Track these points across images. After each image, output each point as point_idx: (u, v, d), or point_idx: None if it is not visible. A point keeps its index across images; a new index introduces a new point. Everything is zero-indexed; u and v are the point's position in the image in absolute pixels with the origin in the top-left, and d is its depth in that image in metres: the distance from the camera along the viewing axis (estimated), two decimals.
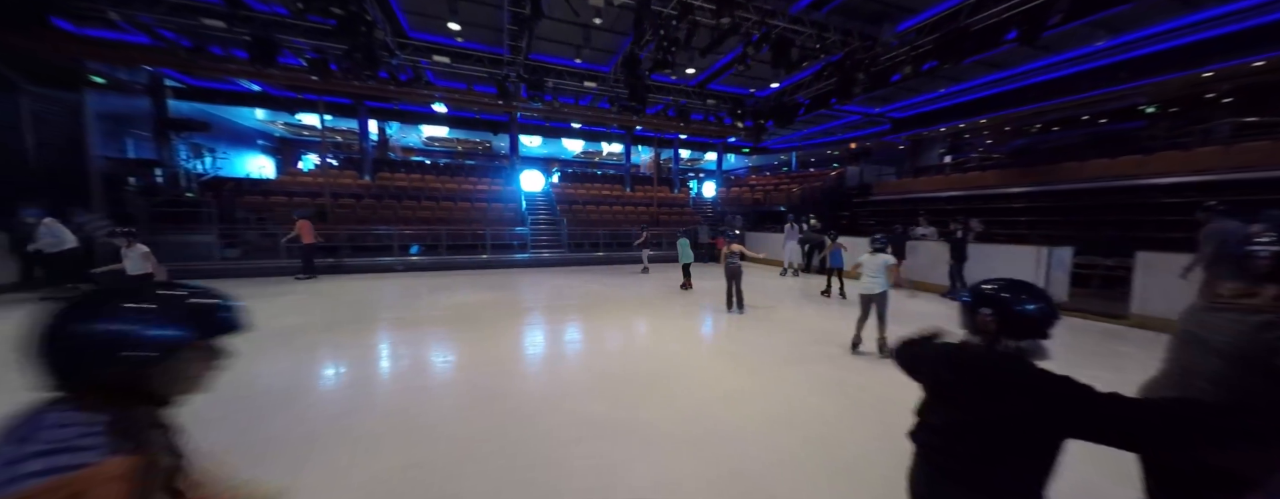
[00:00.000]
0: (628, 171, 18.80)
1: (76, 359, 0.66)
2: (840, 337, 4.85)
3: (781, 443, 2.48)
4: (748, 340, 4.69)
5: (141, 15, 7.86)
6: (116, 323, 0.68)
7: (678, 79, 12.05)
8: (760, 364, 3.87)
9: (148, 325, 0.69)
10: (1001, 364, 1.04)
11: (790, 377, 3.55)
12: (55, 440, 0.60)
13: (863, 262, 4.07)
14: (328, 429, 2.61)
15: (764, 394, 3.18)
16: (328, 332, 4.81)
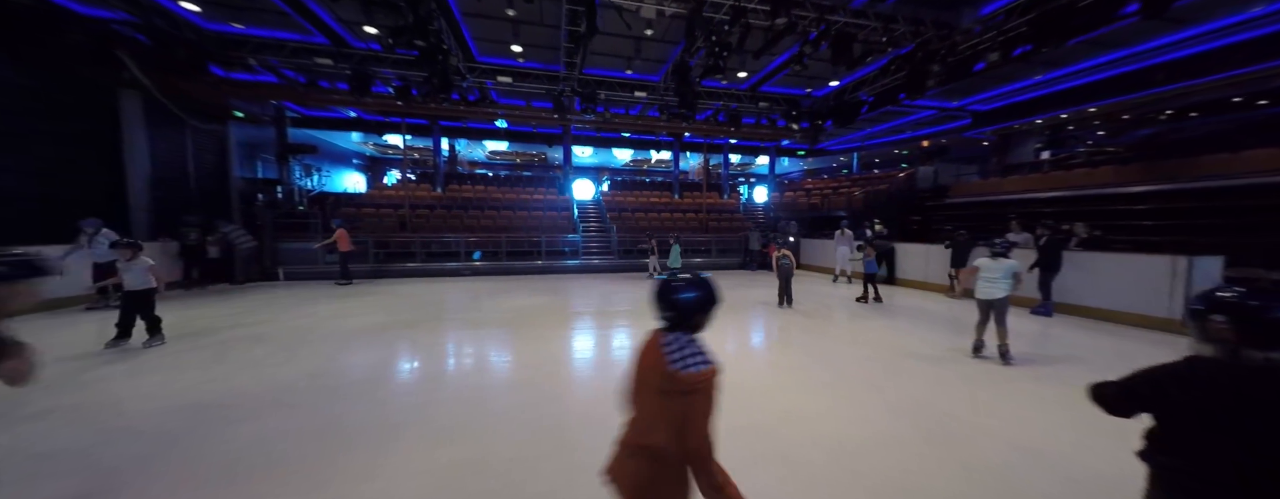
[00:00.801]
0: (676, 178, 18.78)
1: None
2: (910, 349, 4.40)
3: (855, 471, 2.27)
4: (809, 352, 4.40)
5: (271, 59, 9.48)
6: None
7: (729, 83, 11.88)
8: (825, 380, 3.61)
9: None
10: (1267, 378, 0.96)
11: (859, 396, 3.26)
12: None
13: (982, 265, 4.06)
14: (407, 418, 2.86)
15: (831, 416, 2.95)
16: (408, 329, 5.32)
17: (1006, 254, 4.03)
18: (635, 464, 1.17)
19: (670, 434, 1.13)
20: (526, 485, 2.14)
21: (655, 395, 1.16)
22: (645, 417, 1.19)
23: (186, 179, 9.83)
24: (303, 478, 2.18)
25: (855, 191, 15.64)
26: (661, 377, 1.14)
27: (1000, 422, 2.83)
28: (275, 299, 7.44)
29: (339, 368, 3.87)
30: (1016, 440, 2.59)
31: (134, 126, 8.60)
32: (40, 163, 7.13)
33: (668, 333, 1.24)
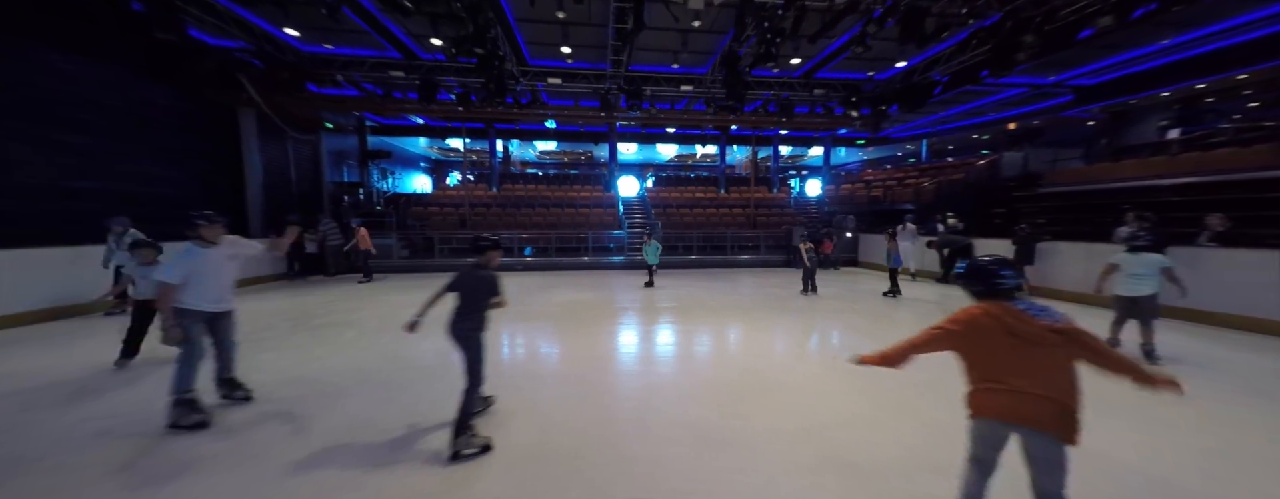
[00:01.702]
0: (722, 173, 18.31)
1: None
2: None
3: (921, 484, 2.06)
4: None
5: (354, 74, 10.59)
6: None
7: (780, 72, 11.30)
8: (886, 385, 3.33)
9: None
10: None
11: (924, 408, 2.96)
12: None
13: (1121, 261, 3.88)
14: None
15: (892, 426, 2.71)
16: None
17: (1150, 248, 3.86)
18: (1055, 402, 1.40)
19: (1069, 367, 1.42)
20: (583, 473, 2.20)
21: (1050, 347, 1.41)
22: (1043, 366, 1.42)
23: (289, 184, 11.32)
24: (389, 451, 2.43)
25: (924, 182, 14.25)
26: (1052, 331, 1.40)
27: (1127, 436, 2.42)
28: (359, 290, 8.35)
29: (413, 353, 4.25)
30: (1151, 471, 2.20)
31: (250, 139, 10.06)
32: (186, 172, 8.59)
33: (1008, 301, 1.50)
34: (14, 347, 4.50)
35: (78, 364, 3.90)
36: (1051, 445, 1.41)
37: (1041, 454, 1.43)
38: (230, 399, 3.04)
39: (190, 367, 2.72)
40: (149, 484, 2.11)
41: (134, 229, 5.59)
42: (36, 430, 2.69)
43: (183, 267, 2.72)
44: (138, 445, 2.48)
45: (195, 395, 2.73)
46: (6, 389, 3.36)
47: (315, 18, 7.59)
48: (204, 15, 7.62)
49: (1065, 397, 1.40)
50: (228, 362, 3.05)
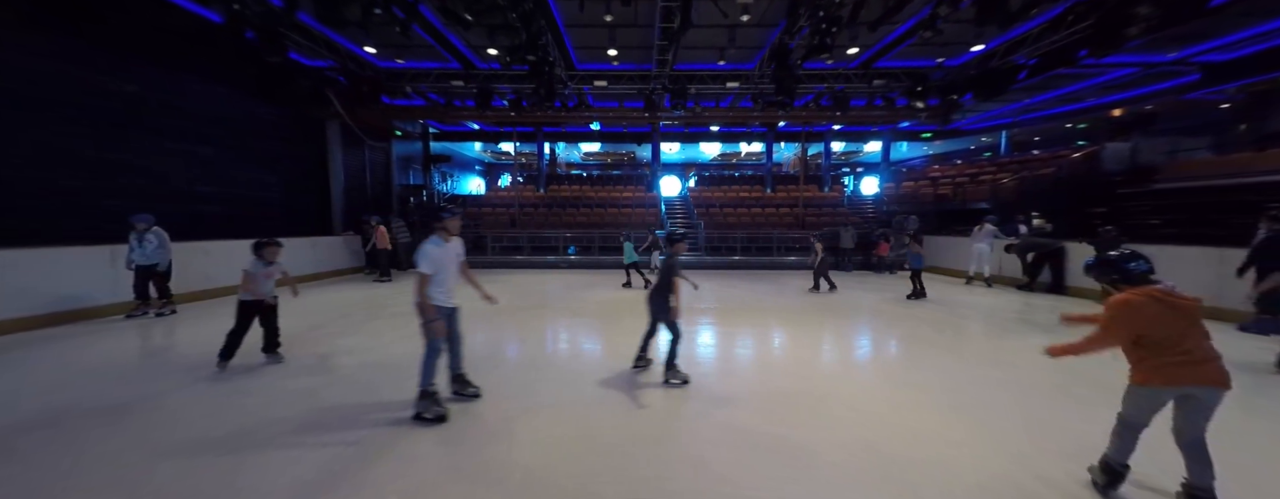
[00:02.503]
0: (769, 171, 17.67)
1: None
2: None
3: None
4: (934, 368, 3.73)
5: (422, 85, 11.52)
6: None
7: (835, 63, 10.67)
8: (943, 401, 3.02)
9: None
10: None
11: (989, 422, 2.64)
12: None
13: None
14: (522, 393, 3.23)
15: (957, 442, 2.45)
16: (518, 313, 6.02)
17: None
18: (1218, 360, 1.75)
19: (1206, 330, 1.78)
20: (628, 470, 2.22)
21: (1198, 315, 1.75)
22: (1201, 332, 1.76)
23: (365, 187, 12.58)
24: (451, 432, 2.62)
25: (1003, 178, 12.78)
26: (1199, 303, 1.76)
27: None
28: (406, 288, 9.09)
29: (471, 343, 4.55)
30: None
31: (334, 147, 11.31)
32: (284, 178, 9.86)
33: (1148, 283, 1.79)
34: (165, 325, 5.43)
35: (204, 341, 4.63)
36: (1217, 395, 1.72)
37: (1212, 404, 1.73)
38: (462, 396, 3.05)
39: (434, 360, 2.78)
40: (244, 443, 2.45)
41: (158, 226, 5.41)
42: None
43: (434, 258, 2.70)
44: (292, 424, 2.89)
45: (437, 388, 2.82)
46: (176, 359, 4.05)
47: (391, 36, 8.37)
48: (301, 39, 8.70)
49: (1218, 354, 1.75)
50: (458, 358, 3.10)
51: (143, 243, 5.30)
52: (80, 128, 6.16)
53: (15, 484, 2.08)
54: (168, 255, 5.53)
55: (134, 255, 5.32)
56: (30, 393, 3.27)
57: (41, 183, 5.82)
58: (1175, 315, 1.71)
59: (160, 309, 5.60)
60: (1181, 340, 1.72)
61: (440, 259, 2.76)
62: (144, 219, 5.37)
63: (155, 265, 5.42)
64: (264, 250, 3.73)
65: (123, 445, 2.44)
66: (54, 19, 5.55)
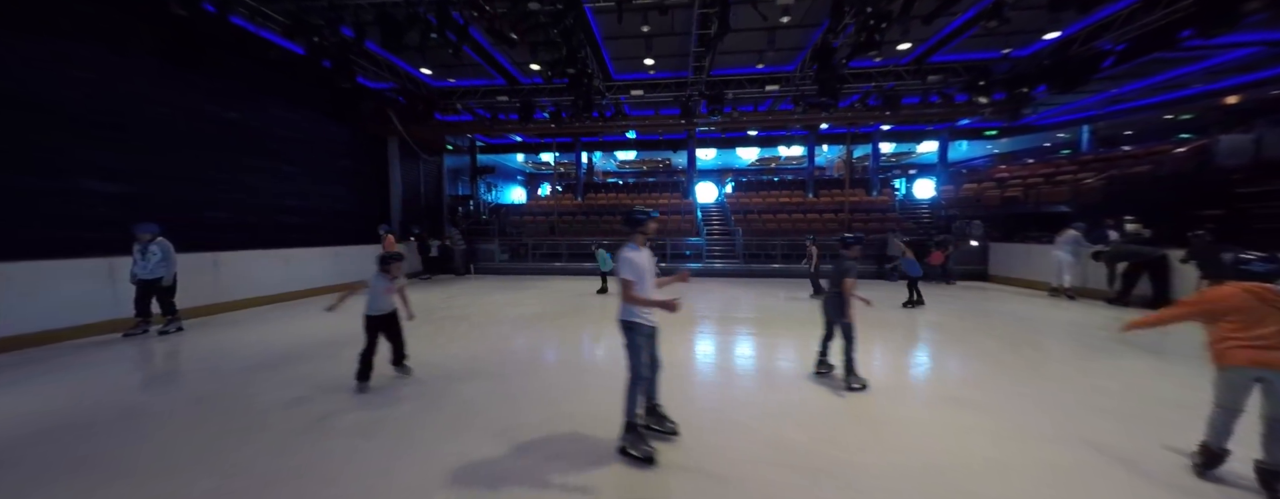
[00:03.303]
0: (810, 175, 16.97)
1: None
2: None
3: None
4: (1006, 390, 3.32)
5: (470, 102, 12.29)
6: None
7: (885, 60, 10.11)
8: (1006, 427, 2.66)
9: None
10: None
11: (1051, 451, 2.27)
12: None
13: None
14: (568, 397, 3.27)
15: (1021, 472, 2.14)
16: (558, 319, 6.16)
17: None
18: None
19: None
20: (673, 487, 2.16)
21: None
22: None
23: (419, 197, 13.55)
24: (502, 431, 2.70)
25: (1086, 178, 11.37)
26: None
27: None
28: (469, 289, 9.58)
29: (513, 347, 4.71)
30: None
31: (393, 161, 12.30)
32: (352, 190, 10.85)
33: (1267, 282, 1.98)
34: (254, 322, 6.11)
35: (296, 335, 5.14)
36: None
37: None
38: (660, 431, 2.61)
39: (639, 388, 2.45)
40: (317, 432, 2.65)
41: (162, 237, 4.99)
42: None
43: (637, 265, 2.39)
44: (327, 406, 3.15)
45: (643, 421, 2.54)
46: (268, 353, 4.56)
47: (444, 57, 9.03)
48: (367, 64, 9.62)
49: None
50: (654, 386, 2.67)
51: (146, 255, 4.86)
52: (195, 150, 7.17)
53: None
54: (173, 268, 5.05)
55: (136, 268, 4.87)
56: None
57: (171, 197, 6.80)
58: (1266, 308, 1.90)
59: (165, 326, 5.14)
60: (1257, 326, 1.90)
61: (642, 267, 2.40)
62: (148, 229, 4.94)
63: (159, 279, 4.96)
64: (390, 265, 3.54)
65: None
66: (177, 57, 6.52)
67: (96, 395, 3.41)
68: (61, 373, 3.94)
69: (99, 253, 5.46)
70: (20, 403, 3.27)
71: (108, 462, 2.42)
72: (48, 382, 3.73)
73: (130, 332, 4.98)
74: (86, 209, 5.78)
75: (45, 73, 5.46)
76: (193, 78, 7.05)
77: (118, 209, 6.08)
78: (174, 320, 5.31)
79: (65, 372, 3.97)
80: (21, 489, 2.16)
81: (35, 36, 5.38)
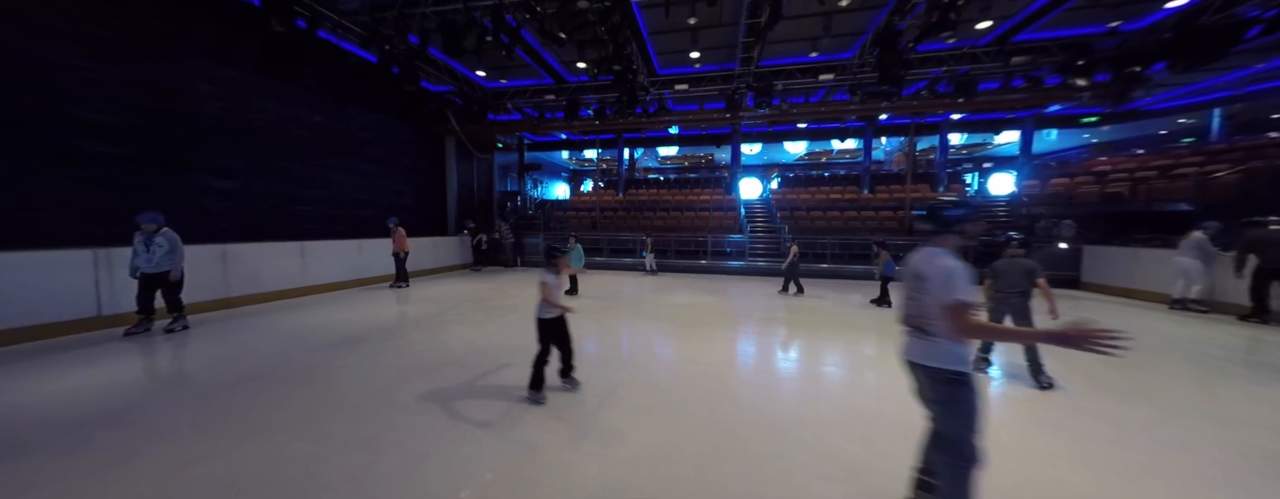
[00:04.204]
0: (866, 170, 15.83)
1: None
2: None
3: None
4: (1107, 417, 2.88)
5: (520, 101, 12.80)
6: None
7: (958, 42, 9.16)
8: (1093, 452, 2.28)
9: None
10: None
11: (1139, 476, 1.89)
12: None
13: None
14: (605, 394, 3.32)
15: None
16: (599, 313, 6.27)
17: None
18: None
19: None
20: (714, 489, 2.12)
21: None
22: None
23: (472, 193, 14.39)
24: (548, 420, 2.80)
25: (1216, 171, 9.60)
26: None
27: None
28: (517, 280, 10.04)
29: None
30: None
31: (450, 160, 13.14)
32: (415, 186, 11.76)
33: None
34: (326, 306, 6.85)
35: (360, 317, 5.70)
36: None
37: None
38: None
39: (972, 474, 1.58)
40: (401, 405, 2.90)
41: (168, 228, 4.63)
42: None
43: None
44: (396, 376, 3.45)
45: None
46: (347, 330, 5.11)
47: (497, 59, 9.49)
48: (429, 69, 10.33)
49: None
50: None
51: (151, 246, 4.49)
52: (288, 150, 8.13)
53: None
54: (180, 261, 4.70)
55: (139, 261, 4.51)
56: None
57: (271, 192, 7.78)
58: None
59: (171, 325, 4.77)
60: None
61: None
62: (153, 218, 4.54)
63: (166, 273, 4.61)
64: (558, 259, 3.17)
65: None
66: (275, 69, 7.40)
67: (206, 364, 3.99)
68: (208, 338, 4.65)
69: (215, 240, 6.39)
70: (155, 365, 3.90)
71: (223, 420, 2.82)
72: (190, 347, 4.42)
73: (132, 330, 4.58)
74: (208, 202, 6.76)
75: (179, 87, 6.43)
76: (287, 87, 7.97)
77: (230, 202, 7.07)
78: (180, 318, 4.87)
79: (188, 342, 4.68)
80: (161, 437, 2.58)
81: (173, 58, 6.35)
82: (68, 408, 2.99)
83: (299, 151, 8.34)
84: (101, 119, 5.58)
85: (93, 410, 2.95)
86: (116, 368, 3.79)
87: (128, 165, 5.83)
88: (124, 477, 2.17)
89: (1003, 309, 3.57)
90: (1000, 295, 3.57)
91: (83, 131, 5.42)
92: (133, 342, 4.53)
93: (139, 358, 4.10)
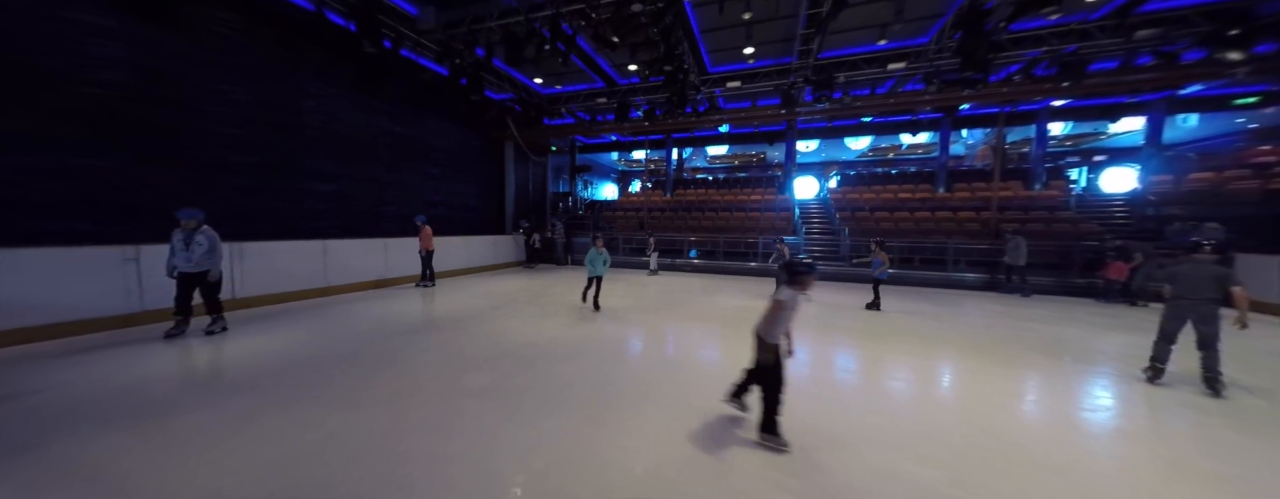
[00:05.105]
0: (942, 166, 14.30)
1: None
2: None
3: None
4: (1241, 451, 2.31)
5: (573, 106, 13.27)
6: None
7: (1062, 17, 7.95)
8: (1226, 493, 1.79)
9: None
10: None
11: None
12: None
13: None
14: (657, 392, 3.32)
15: None
16: (647, 314, 6.31)
17: None
18: None
19: None
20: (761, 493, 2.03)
21: None
22: None
23: (527, 195, 15.18)
24: (601, 414, 2.88)
25: None
26: None
27: None
28: (567, 278, 10.42)
29: (606, 336, 4.97)
30: None
31: (509, 163, 13.98)
32: (478, 189, 12.67)
33: None
34: (402, 297, 7.60)
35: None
36: None
37: None
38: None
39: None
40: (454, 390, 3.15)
41: (207, 225, 4.49)
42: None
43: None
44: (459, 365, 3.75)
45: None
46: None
47: (554, 66, 9.92)
48: (492, 79, 11.08)
49: None
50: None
51: (190, 244, 4.36)
52: (374, 158, 9.16)
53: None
54: (220, 261, 4.59)
55: (177, 260, 4.37)
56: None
57: (361, 195, 8.84)
58: None
59: (211, 326, 4.67)
60: None
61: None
62: (192, 214, 4.40)
63: (206, 273, 4.51)
64: (804, 277, 2.50)
65: None
66: (364, 85, 8.38)
67: (311, 343, 4.60)
68: (304, 321, 5.41)
69: (318, 236, 7.38)
70: (270, 343, 4.58)
71: (323, 393, 3.25)
72: (294, 328, 5.16)
73: (172, 332, 4.43)
74: (311, 203, 7.83)
75: (292, 104, 7.52)
76: (373, 101, 8.97)
77: (330, 203, 8.12)
78: (218, 319, 4.73)
79: (310, 320, 5.44)
80: (276, 404, 3.03)
81: (288, 79, 7.44)
82: (204, 375, 3.62)
83: (382, 158, 9.35)
84: (237, 133, 6.69)
85: (222, 380, 3.54)
86: (237, 346, 4.51)
87: (255, 172, 6.93)
88: (250, 433, 2.59)
89: (1184, 316, 3.44)
90: (1183, 302, 3.41)
91: (225, 144, 6.53)
92: (252, 323, 5.26)
93: (256, 337, 4.84)
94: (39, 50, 4.81)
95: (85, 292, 4.61)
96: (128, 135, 5.48)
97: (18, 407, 2.92)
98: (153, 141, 5.71)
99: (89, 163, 5.17)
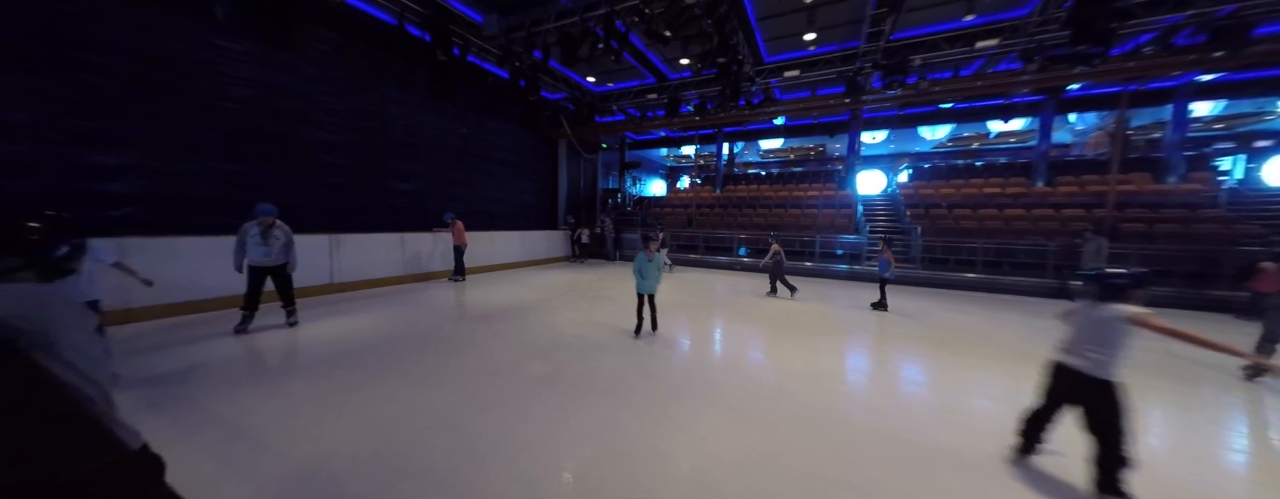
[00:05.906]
0: (1042, 156, 12.47)
1: None
2: None
3: None
4: None
5: (624, 103, 13.38)
6: None
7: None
8: None
9: None
10: None
11: None
12: None
13: None
14: (715, 391, 3.28)
15: None
16: (695, 310, 6.24)
17: None
18: None
19: None
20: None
21: None
22: None
23: (579, 191, 15.64)
24: (648, 409, 2.90)
25: None
26: None
27: None
28: (616, 273, 10.62)
29: (655, 333, 4.98)
30: None
31: (562, 160, 14.47)
32: (534, 186, 13.30)
33: None
34: (466, 287, 8.20)
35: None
36: None
37: None
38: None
39: None
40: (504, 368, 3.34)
41: (281, 220, 4.50)
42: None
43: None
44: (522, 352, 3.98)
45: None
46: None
47: (606, 64, 10.08)
48: (547, 79, 11.49)
49: None
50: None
51: (268, 238, 4.40)
52: (444, 158, 9.96)
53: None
54: (295, 255, 4.66)
55: (256, 253, 4.42)
56: None
57: (433, 192, 9.68)
58: None
59: (290, 318, 4.79)
60: None
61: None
62: (268, 210, 4.41)
63: (284, 265, 4.58)
64: (1132, 293, 2.04)
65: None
66: (436, 91, 9.11)
67: (397, 326, 5.11)
68: (388, 306, 6.07)
69: (397, 229, 8.22)
70: (362, 323, 5.17)
71: (408, 372, 3.61)
72: (381, 311, 5.80)
73: (240, 327, 4.47)
74: (392, 200, 8.70)
75: (378, 110, 8.38)
76: (444, 105, 9.73)
77: (407, 200, 8.98)
78: (294, 312, 4.86)
79: (391, 305, 6.10)
80: (370, 379, 3.42)
81: (375, 88, 8.30)
82: (311, 352, 4.18)
83: (451, 158, 10.13)
84: (333, 138, 7.60)
85: (326, 354, 4.06)
86: (335, 326, 5.14)
87: (347, 173, 7.84)
88: (352, 402, 2.96)
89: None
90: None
91: (324, 148, 7.46)
92: (347, 304, 6.06)
93: (354, 317, 5.49)
94: (195, 73, 5.82)
95: (219, 274, 5.49)
96: (254, 142, 6.45)
97: (174, 364, 3.57)
98: (270, 146, 6.68)
99: (227, 167, 6.18)
